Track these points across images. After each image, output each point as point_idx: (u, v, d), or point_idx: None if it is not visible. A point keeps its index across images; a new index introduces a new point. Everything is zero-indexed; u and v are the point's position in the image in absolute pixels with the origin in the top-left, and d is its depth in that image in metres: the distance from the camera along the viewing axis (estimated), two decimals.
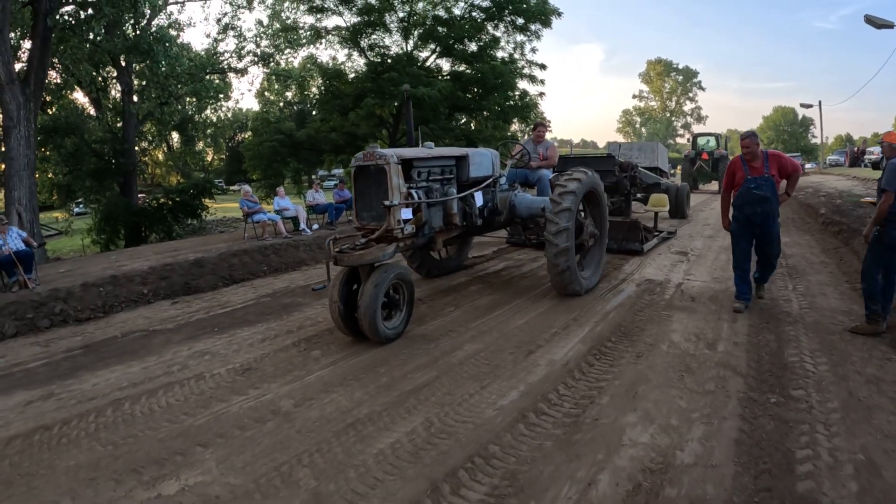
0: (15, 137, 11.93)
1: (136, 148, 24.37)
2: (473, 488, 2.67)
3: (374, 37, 18.40)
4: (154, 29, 20.29)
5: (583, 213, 6.68)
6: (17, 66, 13.63)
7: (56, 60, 17.59)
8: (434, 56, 18.00)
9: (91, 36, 18.37)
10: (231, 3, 23.11)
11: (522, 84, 17.68)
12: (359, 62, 19.64)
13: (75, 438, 3.63)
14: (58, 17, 14.58)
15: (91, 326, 6.60)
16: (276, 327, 5.74)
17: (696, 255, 8.39)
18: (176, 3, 23.31)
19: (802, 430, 3.08)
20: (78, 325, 6.70)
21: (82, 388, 4.53)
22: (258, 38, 24.41)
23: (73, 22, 15.95)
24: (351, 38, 18.31)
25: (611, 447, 2.98)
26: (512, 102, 16.90)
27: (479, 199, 6.26)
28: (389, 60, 16.60)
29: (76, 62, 19.43)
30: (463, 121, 18.11)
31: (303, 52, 25.22)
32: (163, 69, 17.81)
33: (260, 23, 24.33)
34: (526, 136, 7.87)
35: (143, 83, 22.59)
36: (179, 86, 20.05)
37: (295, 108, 37.72)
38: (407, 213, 5.21)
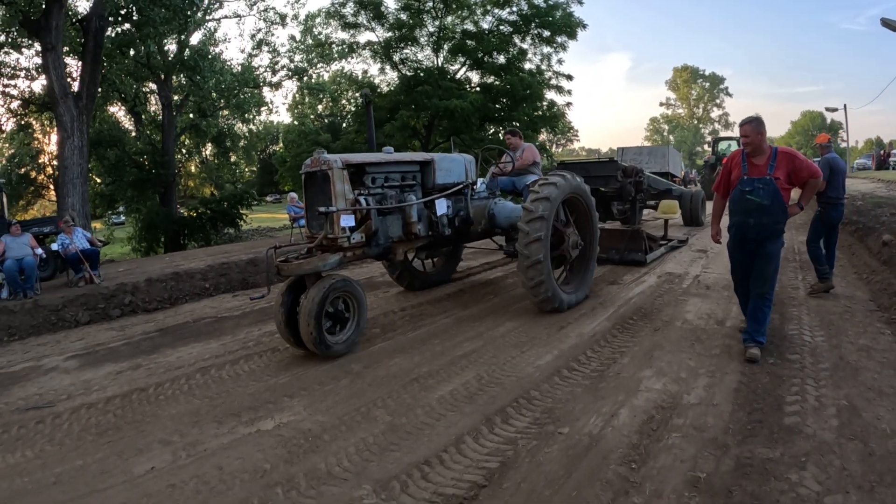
0: (69, 147, 12.72)
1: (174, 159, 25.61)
2: (519, 419, 3.34)
3: (405, 51, 19.26)
4: (196, 44, 21.45)
5: (565, 221, 6.19)
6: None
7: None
8: (464, 69, 18.78)
9: (133, 53, 19.60)
10: (265, 20, 24.32)
11: (550, 95, 18.36)
12: (391, 75, 20.54)
13: (171, 396, 4.24)
14: (110, 34, 15.67)
15: (160, 315, 7.35)
16: None
17: (716, 252, 8.91)
18: (212, 20, 24.70)
19: (794, 383, 3.66)
20: (147, 314, 7.48)
21: (167, 360, 5.17)
22: (292, 53, 25.57)
23: (126, 39, 17.08)
24: (383, 52, 19.20)
25: (629, 392, 3.63)
26: (540, 113, 17.57)
27: (440, 206, 5.80)
28: (422, 74, 17.40)
29: (122, 77, 20.70)
30: (492, 131, 18.81)
31: (335, 66, 26.32)
32: (210, 84, 18.89)
33: (293, 38, 25.42)
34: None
35: (182, 97, 23.82)
36: (223, 99, 21.20)
37: (325, 120, 38.84)
38: (348, 221, 4.93)
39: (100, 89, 21.30)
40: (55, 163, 30.99)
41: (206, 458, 3.22)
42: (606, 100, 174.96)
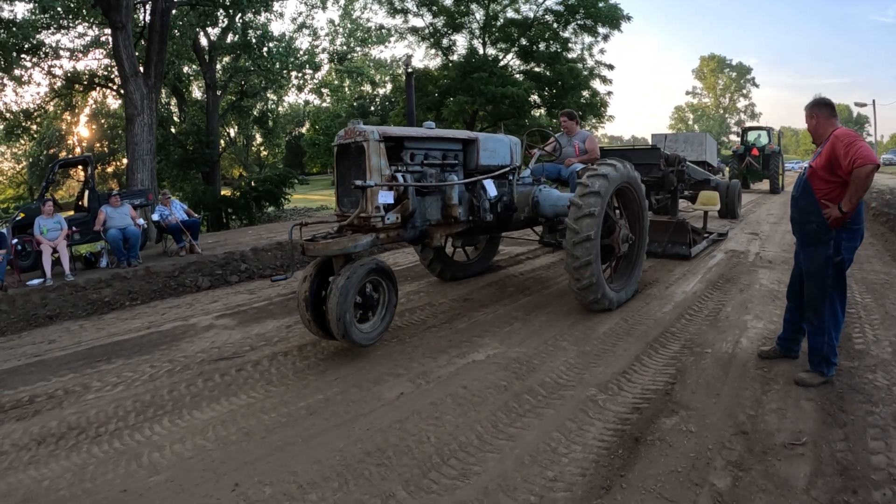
0: (139, 124, 13.33)
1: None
2: (672, 345, 4.77)
3: (454, 37, 20.41)
4: (259, 25, 22.61)
5: (618, 212, 6.04)
6: None
7: None
8: (511, 56, 19.97)
9: (178, 34, 20.72)
10: (305, 4, 25.47)
11: (594, 84, 19.56)
12: (437, 61, 21.72)
13: None
14: (178, 14, 16.40)
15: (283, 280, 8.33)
16: None
17: (766, 235, 10.39)
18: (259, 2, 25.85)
19: (855, 326, 5.10)
20: (265, 280, 8.08)
21: None
22: (333, 37, 26.76)
23: (202, 20, 18.01)
24: (431, 37, 20.35)
25: (741, 328, 5.11)
26: (584, 101, 18.82)
27: (490, 189, 5.51)
28: (474, 60, 18.59)
29: (179, 57, 21.87)
30: (540, 113, 19.90)
31: (373, 51, 27.58)
32: (276, 66, 20.09)
33: (332, 22, 26.67)
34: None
35: (226, 78, 25.03)
36: (284, 79, 22.43)
37: (354, 104, 39.88)
38: (387, 197, 4.59)
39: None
40: (84, 144, 32.27)
41: (446, 382, 3.96)
42: (632, 86, 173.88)
